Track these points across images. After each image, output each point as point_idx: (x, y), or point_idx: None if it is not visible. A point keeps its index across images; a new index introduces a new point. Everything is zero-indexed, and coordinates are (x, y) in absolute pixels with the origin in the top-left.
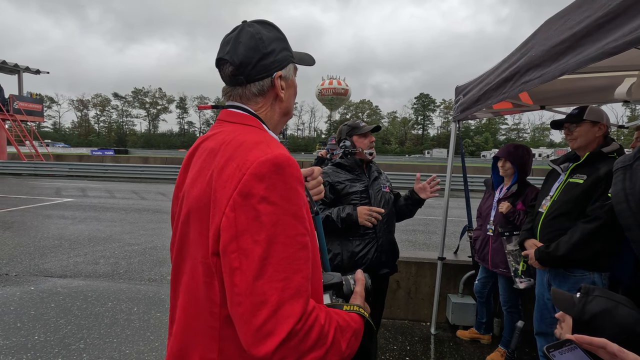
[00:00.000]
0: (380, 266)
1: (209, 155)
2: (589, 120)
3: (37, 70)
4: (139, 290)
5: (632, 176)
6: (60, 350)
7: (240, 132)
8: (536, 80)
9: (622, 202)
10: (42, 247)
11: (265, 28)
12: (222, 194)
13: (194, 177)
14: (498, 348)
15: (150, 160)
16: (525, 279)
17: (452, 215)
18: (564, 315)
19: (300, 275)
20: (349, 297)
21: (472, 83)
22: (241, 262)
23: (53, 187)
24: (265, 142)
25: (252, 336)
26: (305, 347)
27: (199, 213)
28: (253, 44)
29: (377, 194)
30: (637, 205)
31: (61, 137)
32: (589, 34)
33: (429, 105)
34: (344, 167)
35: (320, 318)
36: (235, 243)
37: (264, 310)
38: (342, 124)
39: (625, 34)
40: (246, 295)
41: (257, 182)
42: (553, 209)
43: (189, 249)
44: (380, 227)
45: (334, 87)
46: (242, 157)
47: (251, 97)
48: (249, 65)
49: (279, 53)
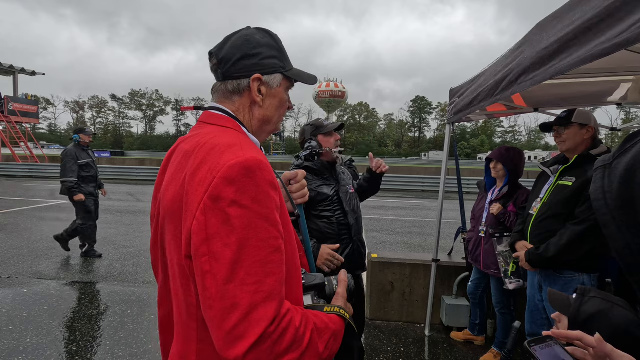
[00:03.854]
0: (356, 268)
1: (183, 158)
2: (577, 123)
3: (32, 72)
4: (133, 292)
5: (610, 174)
6: (52, 353)
7: (216, 134)
8: (528, 82)
9: (600, 200)
10: (35, 250)
11: (260, 33)
12: (193, 197)
13: (169, 179)
14: (491, 349)
15: (146, 162)
16: (514, 279)
17: (448, 217)
18: (560, 316)
19: (273, 279)
20: (331, 298)
21: (466, 85)
22: (212, 265)
23: (48, 189)
24: (239, 144)
25: (224, 339)
26: (279, 350)
27: (172, 216)
28: (239, 43)
29: (346, 197)
30: (614, 203)
31: (57, 139)
32: (578, 36)
33: (425, 108)
34: (312, 171)
35: (295, 320)
36: (206, 246)
37: (235, 314)
38: (304, 125)
39: (614, 36)
40: (217, 299)
41: (227, 186)
42: (543, 211)
43: (167, 251)
44: (354, 230)
45: (331, 89)
46: (214, 160)
47: (228, 95)
48: (229, 62)
49: (266, 59)
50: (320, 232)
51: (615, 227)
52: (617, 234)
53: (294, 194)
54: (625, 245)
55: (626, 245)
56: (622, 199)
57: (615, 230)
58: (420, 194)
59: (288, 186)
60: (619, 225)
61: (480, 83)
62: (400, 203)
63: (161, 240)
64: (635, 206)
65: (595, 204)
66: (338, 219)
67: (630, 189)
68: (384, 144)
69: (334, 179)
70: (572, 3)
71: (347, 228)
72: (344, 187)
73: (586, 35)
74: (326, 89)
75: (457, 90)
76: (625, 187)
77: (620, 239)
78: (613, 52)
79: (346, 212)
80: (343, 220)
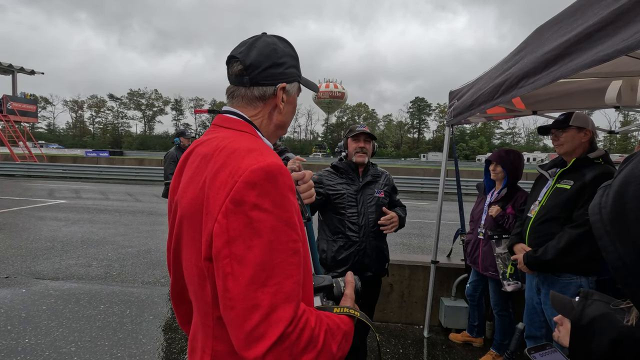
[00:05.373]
0: (364, 269)
1: (202, 161)
2: (575, 126)
3: (31, 71)
4: (131, 292)
5: (608, 193)
6: (51, 354)
7: (234, 138)
8: (528, 86)
9: (596, 214)
10: (34, 249)
11: (282, 42)
12: (214, 201)
13: (187, 182)
14: (490, 351)
15: (145, 162)
16: (512, 281)
17: (447, 219)
18: (563, 319)
19: (292, 281)
20: (339, 299)
21: (466, 88)
22: (233, 267)
23: (46, 188)
24: (259, 149)
25: (244, 339)
26: (297, 350)
27: (191, 219)
28: (267, 51)
29: (367, 199)
30: (608, 217)
31: (55, 138)
32: (580, 42)
33: (424, 109)
34: (338, 170)
35: (310, 321)
36: (228, 249)
37: (256, 315)
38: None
39: (617, 43)
40: (238, 300)
41: (249, 190)
42: (541, 214)
43: (184, 252)
44: (365, 231)
45: (330, 90)
46: (234, 165)
47: (252, 101)
48: (257, 69)
49: (288, 68)
50: (334, 226)
51: (608, 240)
52: (611, 247)
53: (302, 195)
54: (618, 257)
55: (618, 257)
56: (615, 213)
57: (609, 243)
58: (419, 195)
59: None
60: (612, 239)
61: (480, 86)
62: None
63: (176, 241)
64: (626, 221)
65: (592, 218)
66: (351, 217)
67: (621, 204)
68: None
69: (358, 179)
70: (572, 9)
71: (358, 227)
72: (369, 189)
73: (587, 41)
74: (326, 90)
75: (457, 93)
76: (618, 203)
77: (613, 251)
78: (615, 57)
79: (360, 212)
80: (355, 220)
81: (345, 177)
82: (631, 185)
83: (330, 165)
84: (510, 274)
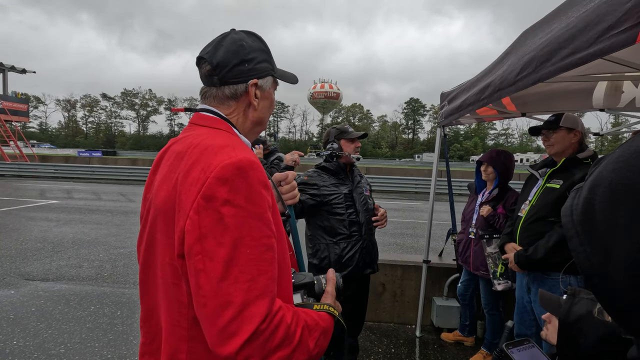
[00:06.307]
0: (365, 266)
1: (176, 159)
2: (565, 127)
3: (22, 70)
4: (123, 293)
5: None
6: (39, 355)
7: (208, 135)
8: (511, 87)
9: (568, 216)
10: (24, 250)
11: (250, 37)
12: (186, 197)
13: (161, 179)
14: (480, 350)
15: (139, 162)
16: (503, 281)
17: (440, 219)
18: (551, 317)
19: (265, 277)
20: (320, 296)
21: (456, 89)
22: (205, 264)
23: (37, 188)
24: (231, 145)
25: (217, 336)
26: (271, 347)
27: (165, 216)
28: (234, 48)
29: (360, 197)
30: (578, 219)
31: (47, 138)
32: (553, 46)
33: (418, 110)
34: (328, 171)
35: (286, 318)
36: (200, 245)
37: (228, 311)
38: (330, 126)
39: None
40: (211, 297)
41: (221, 186)
42: (531, 214)
43: (157, 250)
44: (365, 229)
45: (325, 90)
46: (206, 161)
47: (224, 100)
48: (225, 68)
49: (259, 63)
50: (332, 228)
51: (578, 241)
52: (580, 248)
53: (285, 195)
54: (586, 258)
55: (586, 258)
56: (584, 215)
57: (578, 244)
58: (413, 195)
59: (279, 187)
60: (581, 240)
61: (469, 88)
62: (393, 204)
63: (149, 239)
64: (594, 223)
65: (564, 220)
66: (350, 216)
67: (590, 206)
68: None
69: (349, 179)
70: (552, 13)
71: (358, 226)
72: (359, 188)
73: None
74: (321, 90)
75: (448, 95)
76: (587, 205)
77: (582, 252)
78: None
79: (358, 210)
80: (355, 218)
81: (336, 177)
82: (599, 188)
83: (318, 167)
84: (500, 273)
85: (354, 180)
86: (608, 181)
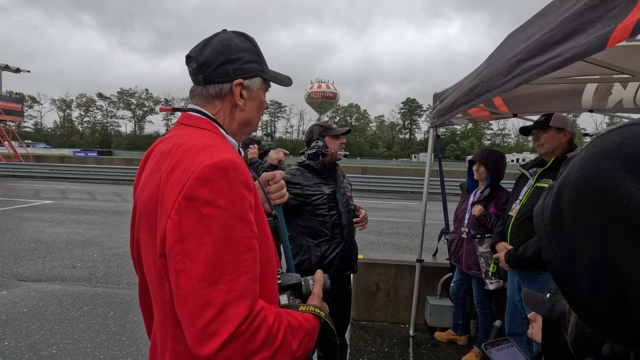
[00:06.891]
0: (345, 268)
1: (160, 158)
2: (554, 126)
3: (17, 69)
4: (116, 294)
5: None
6: (31, 356)
7: (193, 135)
8: (497, 90)
9: (539, 215)
10: (17, 251)
11: (239, 38)
12: (168, 198)
13: (146, 179)
14: (473, 349)
15: (134, 162)
16: (495, 280)
17: (435, 218)
18: (536, 316)
19: (246, 278)
20: (307, 297)
21: (449, 90)
22: (185, 264)
23: (32, 188)
24: (215, 145)
25: (196, 336)
26: (252, 348)
27: (148, 216)
28: (220, 47)
29: (343, 198)
30: (548, 219)
31: (42, 138)
32: (536, 49)
33: (415, 110)
34: (312, 170)
35: (268, 319)
36: (180, 245)
37: (208, 312)
38: (312, 125)
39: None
40: (190, 297)
41: (202, 186)
42: (522, 213)
43: (142, 250)
44: (347, 231)
45: (322, 90)
46: (189, 161)
47: (209, 99)
48: (210, 67)
49: (246, 63)
50: (314, 230)
51: (547, 240)
52: (549, 247)
53: (272, 195)
54: (554, 257)
55: (554, 257)
56: (554, 214)
57: (547, 243)
58: (409, 195)
59: (266, 187)
60: (550, 239)
61: (459, 89)
62: (389, 204)
63: (137, 239)
64: (562, 222)
65: (535, 220)
66: (332, 218)
67: (558, 206)
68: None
69: (332, 179)
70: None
71: (340, 228)
72: (342, 188)
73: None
74: (318, 90)
75: (440, 95)
76: (555, 205)
77: (550, 251)
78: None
79: (341, 212)
80: (337, 220)
81: (319, 177)
82: (566, 188)
83: (301, 165)
84: (492, 272)
85: (337, 180)
86: (573, 181)
